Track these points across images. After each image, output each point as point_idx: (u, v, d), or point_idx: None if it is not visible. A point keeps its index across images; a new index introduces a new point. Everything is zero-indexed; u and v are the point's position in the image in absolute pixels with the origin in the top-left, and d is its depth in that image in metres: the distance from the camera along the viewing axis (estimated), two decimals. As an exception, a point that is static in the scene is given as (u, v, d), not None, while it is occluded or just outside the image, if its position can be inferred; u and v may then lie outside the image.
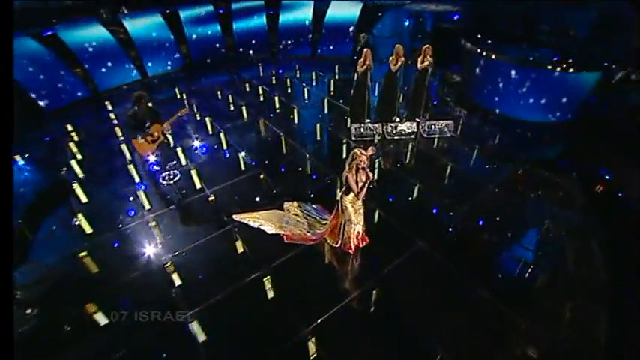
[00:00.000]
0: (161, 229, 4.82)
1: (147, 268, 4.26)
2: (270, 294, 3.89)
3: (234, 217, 4.93)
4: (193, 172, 5.76)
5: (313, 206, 5.11)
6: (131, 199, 5.44)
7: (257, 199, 5.36)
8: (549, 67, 6.91)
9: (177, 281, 4.04)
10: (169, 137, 5.71)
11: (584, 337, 3.48)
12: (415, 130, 6.84)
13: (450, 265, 4.23)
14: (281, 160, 6.37)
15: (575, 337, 3.46)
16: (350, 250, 4.34)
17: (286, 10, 11.96)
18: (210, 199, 5.38)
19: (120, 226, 4.91)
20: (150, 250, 4.51)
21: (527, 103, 7.37)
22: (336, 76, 10.05)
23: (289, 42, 12.05)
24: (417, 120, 6.92)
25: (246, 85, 9.69)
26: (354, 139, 6.78)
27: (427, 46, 6.67)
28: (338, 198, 4.07)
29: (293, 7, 11.99)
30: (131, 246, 4.59)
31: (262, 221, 4.82)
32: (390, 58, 6.83)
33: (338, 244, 4.40)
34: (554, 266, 4.26)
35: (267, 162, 6.28)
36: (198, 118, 7.91)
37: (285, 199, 5.26)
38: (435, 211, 5.10)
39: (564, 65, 6.94)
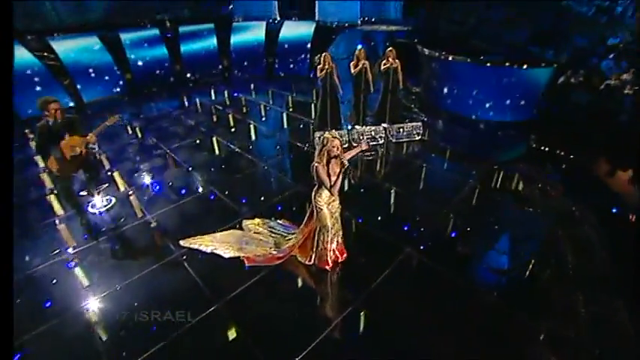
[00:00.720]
0: (86, 267, 3.78)
1: (61, 320, 3.20)
2: (231, 333, 3.00)
3: (181, 242, 4.02)
4: (132, 197, 4.81)
5: (279, 222, 4.34)
6: (49, 234, 4.34)
7: (210, 220, 4.50)
8: (505, 65, 6.95)
9: (103, 335, 3.03)
10: (97, 153, 4.77)
11: (610, 334, 2.95)
12: (382, 135, 6.43)
13: (445, 269, 3.61)
14: (238, 176, 5.60)
15: (601, 336, 2.91)
16: (327, 267, 3.59)
17: (238, 31, 11.61)
18: (152, 224, 4.43)
19: (29, 270, 3.80)
20: (69, 294, 3.45)
21: (488, 103, 7.32)
22: (294, 94, 9.67)
23: (243, 63, 11.61)
24: (384, 125, 6.54)
25: (198, 106, 8.96)
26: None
27: (390, 48, 6.46)
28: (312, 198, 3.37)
29: (245, 29, 11.68)
30: (43, 293, 3.50)
31: (217, 244, 3.96)
32: (351, 62, 6.51)
33: (311, 261, 3.64)
34: (554, 260, 3.79)
35: (221, 179, 5.47)
36: (141, 140, 6.99)
37: (244, 217, 4.46)
38: (416, 216, 4.54)
39: (517, 65, 7.01)
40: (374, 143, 6.36)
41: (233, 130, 7.39)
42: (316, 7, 13.00)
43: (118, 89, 9.99)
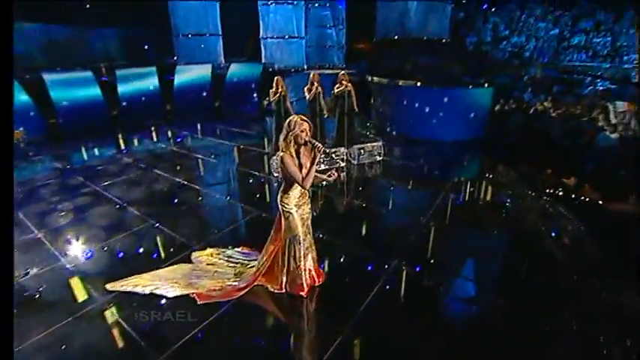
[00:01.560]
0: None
1: None
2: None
3: (108, 287, 3.09)
4: (43, 239, 3.78)
5: (237, 250, 3.62)
6: None
7: (150, 257, 3.62)
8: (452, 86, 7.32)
9: None
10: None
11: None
12: (344, 157, 6.15)
13: (439, 281, 3.12)
14: (183, 208, 4.81)
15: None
16: (301, 293, 2.92)
17: (182, 73, 11.23)
18: (68, 268, 3.43)
19: None
20: None
21: (438, 123, 7.54)
22: (244, 131, 9.28)
23: (188, 104, 11.09)
24: (343, 148, 6.30)
25: (135, 145, 8.10)
26: (275, 174, 5.72)
27: (342, 72, 6.46)
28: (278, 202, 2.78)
29: (190, 71, 11.35)
30: None
31: (157, 283, 3.10)
32: (306, 87, 6.33)
33: (282, 288, 2.95)
34: (552, 259, 3.52)
35: (164, 211, 4.63)
36: (63, 179, 5.91)
37: (192, 250, 3.66)
38: (393, 233, 4.11)
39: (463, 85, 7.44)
40: (335, 166, 6.03)
41: (178, 166, 6.62)
42: (262, 52, 13.31)
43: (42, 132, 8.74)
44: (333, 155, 6.09)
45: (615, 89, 11.62)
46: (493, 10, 14.90)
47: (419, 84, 7.54)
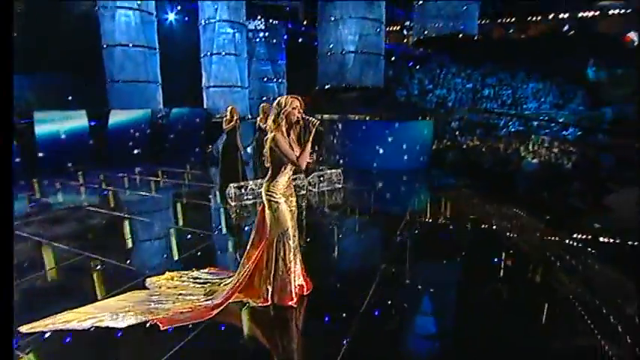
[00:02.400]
0: None
1: None
2: None
3: (22, 329, 2.33)
4: None
5: (204, 270, 3.10)
6: None
7: (85, 291, 2.90)
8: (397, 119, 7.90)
9: None
10: None
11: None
12: (304, 184, 6.02)
13: (438, 282, 2.97)
14: (128, 239, 4.12)
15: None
16: (290, 303, 2.52)
17: (117, 116, 10.50)
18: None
19: None
20: None
21: (387, 154, 7.96)
22: (189, 169, 8.75)
23: (124, 146, 10.24)
24: (303, 175, 6.19)
25: (58, 187, 7.05)
26: (233, 203, 5.31)
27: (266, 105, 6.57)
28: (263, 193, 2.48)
29: (125, 114, 10.68)
30: None
31: (101, 315, 2.43)
32: (224, 119, 6.13)
33: (268, 300, 2.52)
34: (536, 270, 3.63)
35: (102, 244, 3.89)
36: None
37: (146, 276, 3.04)
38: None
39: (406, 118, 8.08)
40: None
41: (112, 203, 5.82)
42: (204, 98, 13.27)
43: None
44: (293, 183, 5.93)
45: (524, 130, 13.64)
46: (417, 67, 17.20)
47: (367, 118, 8.01)
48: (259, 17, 15.02)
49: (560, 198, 6.07)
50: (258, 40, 16.22)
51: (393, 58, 17.35)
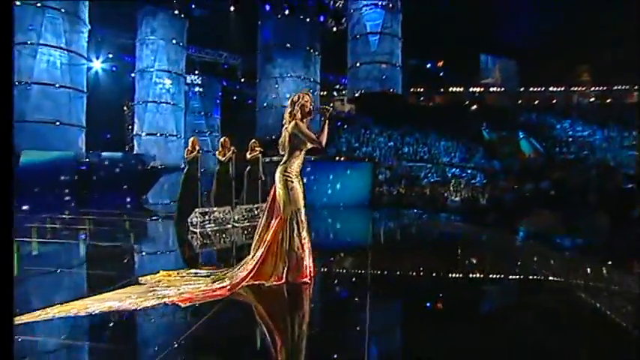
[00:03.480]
0: None
1: None
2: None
3: (22, 318, 2.09)
4: None
5: (200, 269, 3.07)
6: None
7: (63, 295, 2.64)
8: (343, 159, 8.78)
9: None
10: None
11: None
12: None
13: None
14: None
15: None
16: (305, 279, 2.72)
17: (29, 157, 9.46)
18: None
19: None
20: None
21: (334, 191, 8.68)
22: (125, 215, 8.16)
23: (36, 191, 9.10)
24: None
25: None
26: (197, 230, 5.23)
27: (253, 140, 7.00)
28: (277, 177, 2.76)
29: (41, 156, 9.69)
30: None
31: (109, 303, 2.30)
32: (186, 149, 6.35)
33: (282, 278, 2.68)
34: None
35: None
36: None
37: (138, 276, 2.90)
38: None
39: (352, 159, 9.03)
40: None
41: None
42: (135, 145, 12.78)
43: None
44: (250, 212, 6.10)
45: (441, 180, 15.88)
46: (345, 127, 19.26)
47: (313, 158, 8.76)
48: (197, 72, 15.65)
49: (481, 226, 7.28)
50: (193, 94, 16.65)
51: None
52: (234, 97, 18.61)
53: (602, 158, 16.36)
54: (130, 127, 14.96)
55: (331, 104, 19.68)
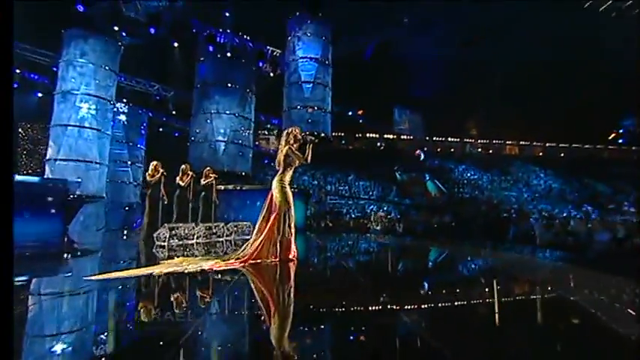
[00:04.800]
0: None
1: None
2: None
3: (89, 277, 2.92)
4: None
5: (207, 257, 4.05)
6: None
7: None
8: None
9: None
10: None
11: None
12: (223, 232, 7.12)
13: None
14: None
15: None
16: (291, 256, 3.95)
17: None
18: None
19: None
20: None
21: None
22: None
23: None
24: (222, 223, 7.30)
25: None
26: (164, 244, 5.93)
27: (208, 168, 7.96)
28: (274, 186, 3.99)
29: None
30: None
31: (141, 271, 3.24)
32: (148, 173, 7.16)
33: (277, 256, 3.87)
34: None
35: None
36: None
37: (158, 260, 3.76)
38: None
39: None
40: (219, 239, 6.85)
41: None
42: (47, 171, 12.26)
43: None
44: (208, 230, 6.99)
45: (361, 214, 18.14)
46: (271, 164, 20.77)
47: (260, 186, 9.94)
48: (124, 100, 15.75)
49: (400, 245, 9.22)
50: (116, 122, 16.49)
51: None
52: (160, 129, 18.81)
53: (488, 196, 20.62)
54: (29, 150, 14.28)
55: (257, 142, 21.10)
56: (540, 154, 26.96)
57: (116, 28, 12.98)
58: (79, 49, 12.69)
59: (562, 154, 27.13)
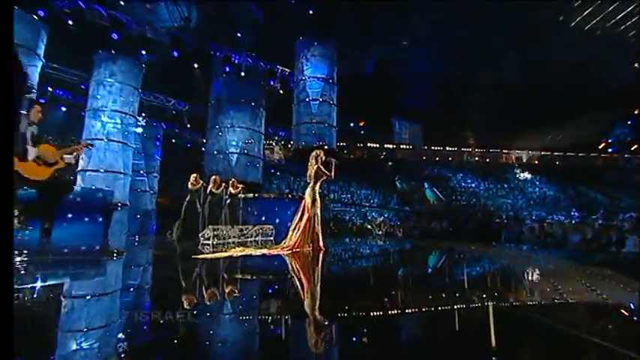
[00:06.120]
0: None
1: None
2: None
3: (195, 257, 4.56)
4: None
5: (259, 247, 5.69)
6: None
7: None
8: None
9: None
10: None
11: None
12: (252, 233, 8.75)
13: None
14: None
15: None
16: (321, 246, 5.58)
17: None
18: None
19: None
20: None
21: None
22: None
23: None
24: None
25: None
26: (213, 242, 7.53)
27: (233, 179, 9.59)
28: (307, 194, 5.64)
29: None
30: None
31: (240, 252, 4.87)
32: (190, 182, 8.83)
33: (310, 247, 5.50)
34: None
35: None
36: None
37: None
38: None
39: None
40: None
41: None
42: (79, 180, 13.84)
43: None
44: (240, 231, 8.60)
45: (362, 222, 19.74)
46: (277, 174, 22.42)
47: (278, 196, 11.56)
48: (143, 114, 17.42)
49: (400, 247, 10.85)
50: (135, 134, 18.14)
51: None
52: (173, 140, 20.47)
53: (484, 204, 22.28)
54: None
55: (267, 151, 22.71)
56: (536, 162, 28.74)
57: (143, 52, 14.61)
58: (108, 69, 14.40)
59: (557, 162, 28.91)
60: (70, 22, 12.37)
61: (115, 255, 5.35)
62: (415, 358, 1.77)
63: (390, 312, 2.43)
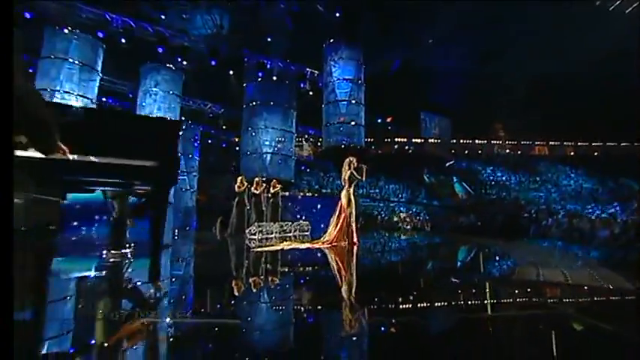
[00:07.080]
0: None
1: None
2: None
3: (255, 250, 5.76)
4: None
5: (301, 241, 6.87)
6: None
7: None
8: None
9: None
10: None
11: None
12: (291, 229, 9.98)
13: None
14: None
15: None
16: (355, 240, 6.67)
17: None
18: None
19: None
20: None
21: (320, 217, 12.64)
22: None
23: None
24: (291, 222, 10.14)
25: None
26: (257, 237, 8.80)
27: (274, 180, 10.83)
28: (343, 195, 6.74)
29: None
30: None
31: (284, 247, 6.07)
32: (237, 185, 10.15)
33: (346, 241, 6.60)
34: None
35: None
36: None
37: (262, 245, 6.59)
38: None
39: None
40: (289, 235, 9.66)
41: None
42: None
43: None
44: (281, 227, 9.83)
45: (389, 217, 20.60)
46: (307, 171, 23.54)
47: (310, 194, 12.72)
48: (182, 118, 19.05)
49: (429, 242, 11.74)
50: (175, 136, 19.80)
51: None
52: (209, 141, 22.10)
53: (515, 197, 22.56)
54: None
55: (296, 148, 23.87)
56: (571, 153, 28.41)
57: (184, 62, 16.12)
58: (153, 80, 16.04)
59: (595, 153, 28.41)
60: (123, 40, 13.88)
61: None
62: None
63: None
